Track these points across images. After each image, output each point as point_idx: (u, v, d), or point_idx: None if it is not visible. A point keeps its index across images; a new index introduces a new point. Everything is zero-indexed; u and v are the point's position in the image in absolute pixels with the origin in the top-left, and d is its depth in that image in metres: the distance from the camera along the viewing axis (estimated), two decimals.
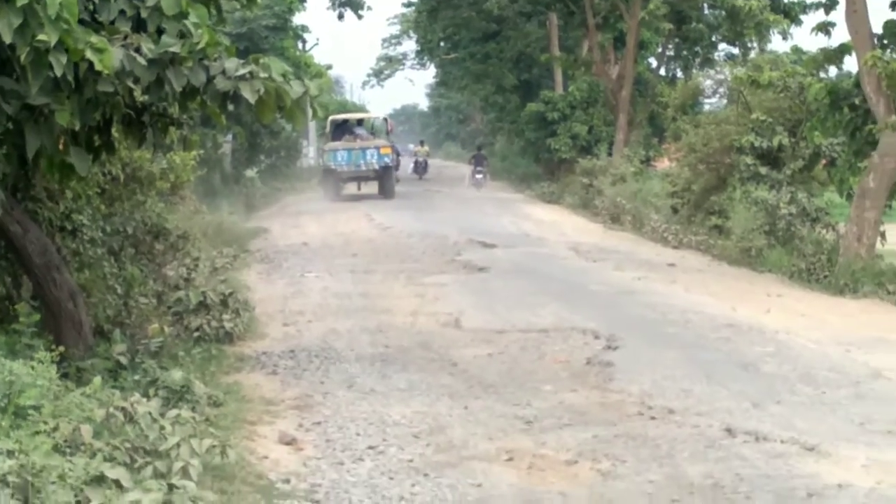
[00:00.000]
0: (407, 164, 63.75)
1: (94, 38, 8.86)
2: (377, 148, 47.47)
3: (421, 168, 62.70)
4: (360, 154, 47.00)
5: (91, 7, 9.50)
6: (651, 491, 9.09)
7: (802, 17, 42.00)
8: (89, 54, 8.80)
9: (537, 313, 17.75)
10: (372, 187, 48.29)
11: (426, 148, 69.03)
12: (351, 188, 48.40)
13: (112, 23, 9.55)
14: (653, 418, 11.44)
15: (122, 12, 9.71)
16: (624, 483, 9.33)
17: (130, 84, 9.56)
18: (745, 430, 10.80)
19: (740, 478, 9.37)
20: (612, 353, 14.63)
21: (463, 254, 26.03)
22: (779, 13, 42.09)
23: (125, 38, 9.42)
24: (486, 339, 15.87)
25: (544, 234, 31.75)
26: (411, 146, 69.74)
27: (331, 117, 52.01)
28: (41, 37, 8.50)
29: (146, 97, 10.06)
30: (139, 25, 9.73)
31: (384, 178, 47.50)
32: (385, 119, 57.24)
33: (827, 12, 24.21)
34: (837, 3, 23.09)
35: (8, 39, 8.33)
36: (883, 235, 21.90)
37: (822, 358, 14.44)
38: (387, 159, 47.35)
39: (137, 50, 9.34)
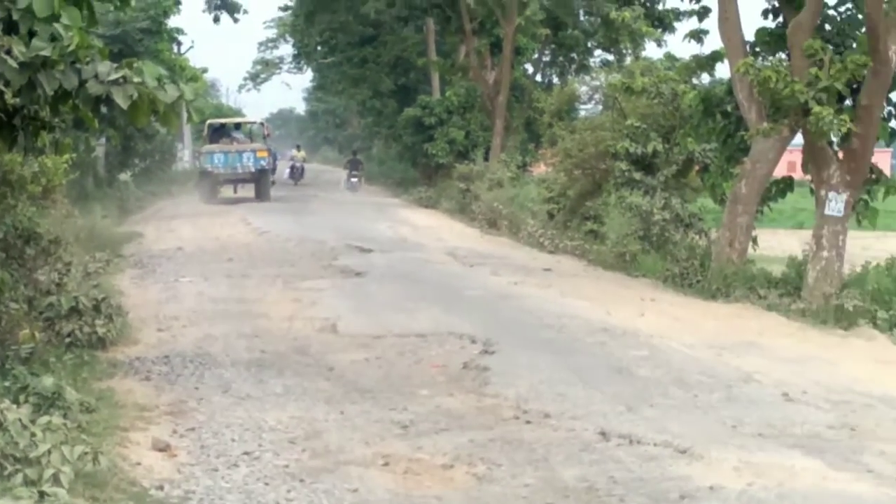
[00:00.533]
0: (283, 170, 63.32)
1: None
2: (254, 151, 48.04)
3: (298, 173, 62.26)
4: (237, 157, 47.50)
5: None
6: (526, 494, 9.17)
7: (676, 24, 42.71)
8: None
9: (414, 318, 17.78)
10: (249, 191, 48.49)
11: (303, 153, 68.76)
12: (227, 192, 48.46)
13: None
14: (528, 422, 11.53)
15: None
16: (499, 487, 9.39)
17: (1, 87, 9.45)
18: (620, 434, 10.93)
19: (614, 480, 9.49)
20: (489, 357, 14.69)
21: (340, 258, 25.96)
22: (653, 21, 42.71)
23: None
24: (362, 343, 15.83)
25: (421, 238, 31.79)
26: (293, 151, 69.09)
27: (208, 121, 52.42)
28: None
29: (17, 100, 9.94)
30: (10, 28, 9.61)
31: (260, 182, 48.06)
32: (262, 123, 57.09)
33: (700, 20, 24.50)
34: (710, 11, 23.42)
35: None
36: (755, 241, 22.27)
37: (694, 362, 14.70)
38: (263, 162, 47.89)
39: (8, 52, 9.23)
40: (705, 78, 25.98)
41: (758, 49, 21.86)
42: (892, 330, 17.62)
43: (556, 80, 52.14)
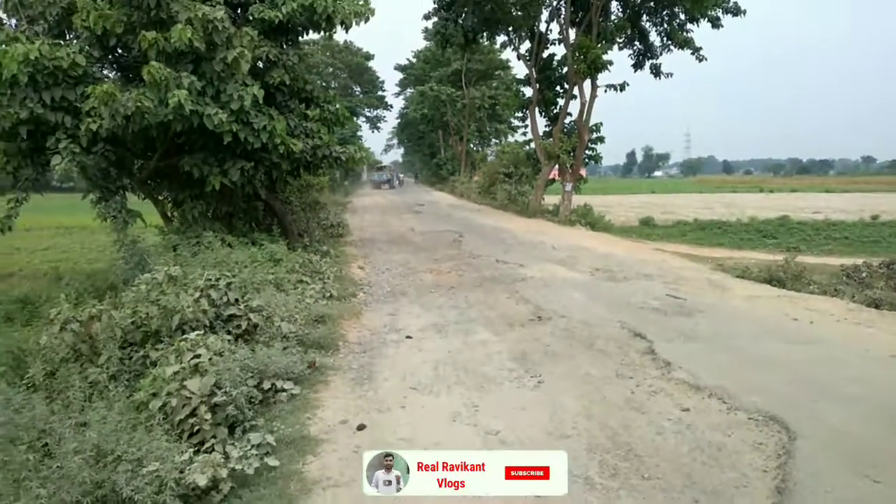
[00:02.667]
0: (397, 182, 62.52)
1: (294, 140, 8.83)
2: (387, 174, 48.60)
3: (401, 182, 61.41)
4: (382, 175, 48.12)
5: (289, 129, 9.43)
6: (472, 280, 9.28)
7: (518, 129, 41.98)
8: (292, 145, 8.73)
9: (437, 226, 17.66)
10: (386, 187, 47.79)
11: (402, 176, 67.40)
12: (382, 187, 47.87)
13: (297, 135, 9.51)
14: (473, 258, 11.57)
15: (301, 132, 9.66)
16: (465, 278, 9.50)
17: (307, 155, 9.51)
18: (502, 260, 11.01)
19: (502, 274, 9.60)
20: (462, 238, 14.63)
21: (414, 207, 25.69)
22: (511, 129, 42.21)
23: (304, 139, 9.41)
24: (422, 234, 15.78)
25: (437, 200, 31.36)
26: (400, 175, 68.14)
27: (374, 164, 51.90)
28: (276, 140, 8.44)
29: (312, 159, 10.00)
30: (307, 135, 9.70)
31: (391, 184, 47.96)
32: (392, 164, 56.79)
33: (525, 127, 24.19)
34: (528, 124, 23.00)
35: (259, 145, 8.35)
36: (543, 199, 22.10)
37: (524, 236, 14.47)
38: (392, 179, 48.44)
39: (306, 143, 9.31)
40: (527, 147, 25.51)
41: (543, 136, 21.54)
42: (587, 226, 17.70)
43: (481, 148, 51.26)
